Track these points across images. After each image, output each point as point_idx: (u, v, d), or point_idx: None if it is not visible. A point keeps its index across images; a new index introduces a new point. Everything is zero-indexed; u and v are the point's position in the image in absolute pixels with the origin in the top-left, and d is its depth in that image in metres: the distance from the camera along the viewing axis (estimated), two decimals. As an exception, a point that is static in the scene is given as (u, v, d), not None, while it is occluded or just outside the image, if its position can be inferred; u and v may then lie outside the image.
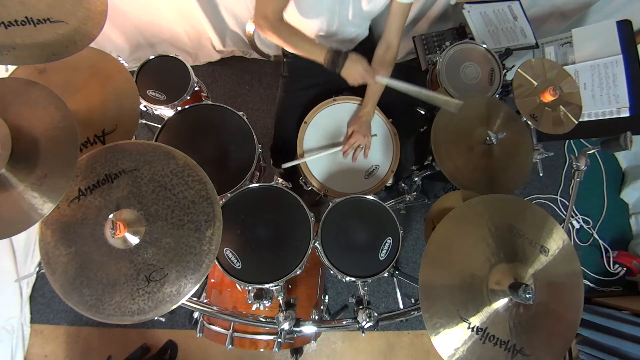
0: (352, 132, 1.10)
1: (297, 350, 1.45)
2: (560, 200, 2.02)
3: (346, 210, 0.97)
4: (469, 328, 0.67)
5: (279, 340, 0.93)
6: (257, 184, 0.95)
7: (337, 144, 1.11)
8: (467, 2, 1.44)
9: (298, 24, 1.10)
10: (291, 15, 1.09)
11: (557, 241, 0.77)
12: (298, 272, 0.89)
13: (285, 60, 1.28)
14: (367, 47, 1.22)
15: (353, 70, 1.00)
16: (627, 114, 1.28)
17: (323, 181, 1.07)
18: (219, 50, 1.90)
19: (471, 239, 0.74)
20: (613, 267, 1.92)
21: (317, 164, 1.09)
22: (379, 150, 1.13)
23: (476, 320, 0.67)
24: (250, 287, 0.88)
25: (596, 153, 2.05)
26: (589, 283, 1.90)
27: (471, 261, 0.72)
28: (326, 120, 1.14)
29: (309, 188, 1.11)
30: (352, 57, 1.00)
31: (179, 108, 1.13)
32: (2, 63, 0.62)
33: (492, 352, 0.66)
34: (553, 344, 0.71)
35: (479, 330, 0.67)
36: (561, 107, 1.07)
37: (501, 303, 0.69)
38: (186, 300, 0.69)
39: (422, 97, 0.98)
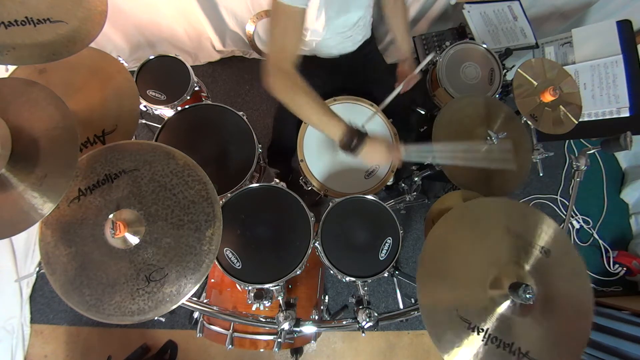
0: (409, 80, 1.13)
1: (297, 350, 1.45)
2: (560, 200, 2.02)
3: (346, 210, 0.96)
4: (469, 328, 0.66)
5: (279, 340, 0.93)
6: (257, 184, 0.95)
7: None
8: (467, 2, 1.44)
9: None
10: None
11: (558, 243, 0.76)
12: (298, 272, 0.89)
13: None
14: (369, 51, 1.22)
15: (374, 153, 0.87)
16: (627, 114, 1.28)
17: (323, 181, 1.07)
18: (219, 50, 1.90)
19: (471, 242, 0.73)
20: (613, 267, 1.92)
21: (317, 164, 1.09)
22: (379, 150, 1.12)
23: (477, 321, 0.67)
24: (250, 287, 0.88)
25: (596, 153, 2.05)
26: (589, 283, 1.90)
27: (471, 264, 0.72)
28: (326, 120, 1.14)
29: (309, 188, 1.11)
30: (371, 139, 0.85)
31: (179, 108, 1.13)
32: (2, 63, 0.62)
33: (496, 355, 0.66)
34: (562, 350, 0.69)
35: (480, 330, 0.67)
36: (561, 107, 1.07)
37: (505, 305, 0.68)
38: (186, 300, 0.69)
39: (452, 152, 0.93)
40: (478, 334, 0.66)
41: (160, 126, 1.07)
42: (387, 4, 1.14)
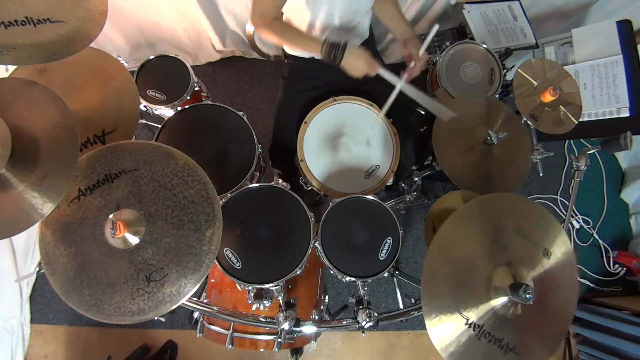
0: (415, 66, 1.07)
1: (297, 350, 1.45)
2: (560, 200, 2.02)
3: (346, 210, 0.96)
4: (466, 324, 0.67)
5: (279, 340, 0.93)
6: (257, 184, 0.95)
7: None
8: (467, 2, 1.44)
9: (296, 20, 1.08)
10: (290, 10, 1.08)
11: (559, 244, 0.76)
12: (298, 272, 0.89)
13: (286, 61, 1.28)
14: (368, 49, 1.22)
15: (353, 61, 0.96)
16: (627, 114, 1.29)
17: (323, 181, 1.07)
18: (219, 50, 1.90)
19: (476, 236, 0.73)
20: (613, 267, 1.92)
21: (317, 164, 1.09)
22: (379, 150, 1.13)
23: (474, 317, 0.67)
24: (250, 287, 0.88)
25: (596, 153, 2.05)
26: (589, 283, 1.90)
27: (474, 258, 0.72)
28: (326, 120, 1.14)
29: (309, 188, 1.11)
30: (352, 48, 0.96)
31: (179, 108, 1.13)
32: (2, 63, 0.62)
33: (486, 349, 0.67)
34: (543, 342, 0.72)
35: (476, 326, 0.67)
36: (561, 107, 1.07)
37: (500, 301, 0.69)
38: (186, 300, 0.69)
39: (419, 100, 0.98)
40: (474, 329, 0.67)
41: (160, 126, 1.07)
42: None
